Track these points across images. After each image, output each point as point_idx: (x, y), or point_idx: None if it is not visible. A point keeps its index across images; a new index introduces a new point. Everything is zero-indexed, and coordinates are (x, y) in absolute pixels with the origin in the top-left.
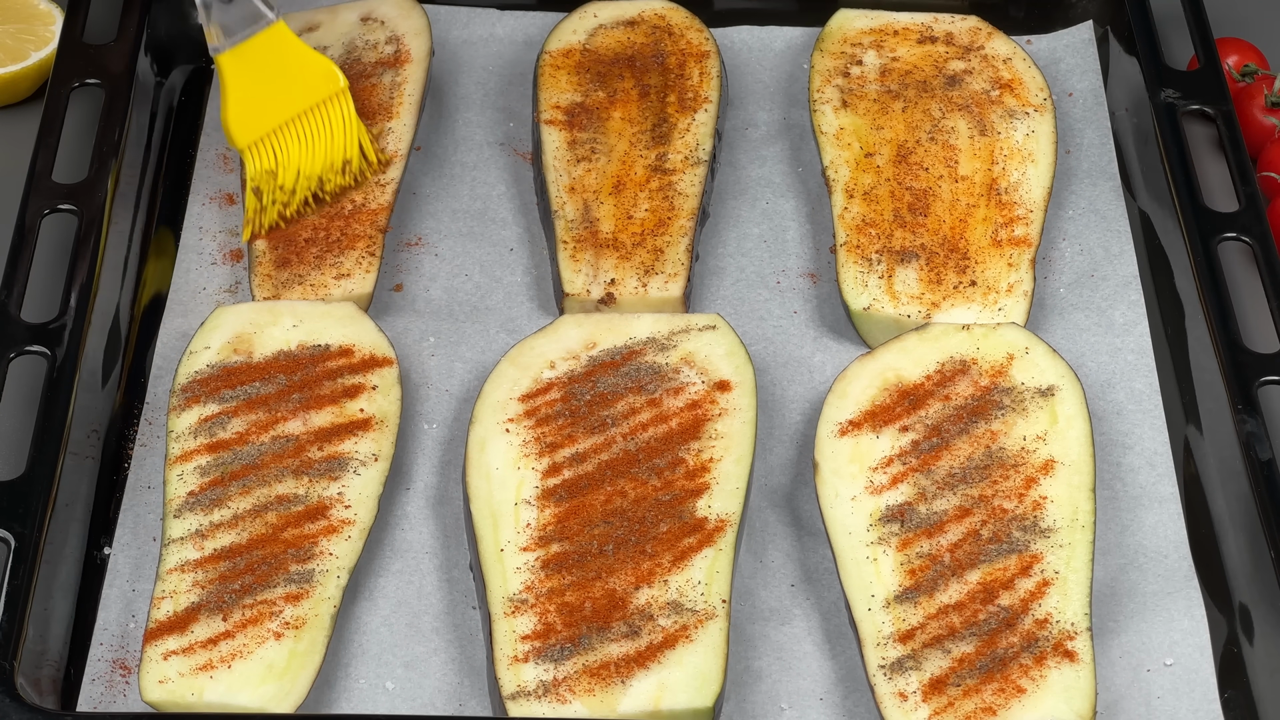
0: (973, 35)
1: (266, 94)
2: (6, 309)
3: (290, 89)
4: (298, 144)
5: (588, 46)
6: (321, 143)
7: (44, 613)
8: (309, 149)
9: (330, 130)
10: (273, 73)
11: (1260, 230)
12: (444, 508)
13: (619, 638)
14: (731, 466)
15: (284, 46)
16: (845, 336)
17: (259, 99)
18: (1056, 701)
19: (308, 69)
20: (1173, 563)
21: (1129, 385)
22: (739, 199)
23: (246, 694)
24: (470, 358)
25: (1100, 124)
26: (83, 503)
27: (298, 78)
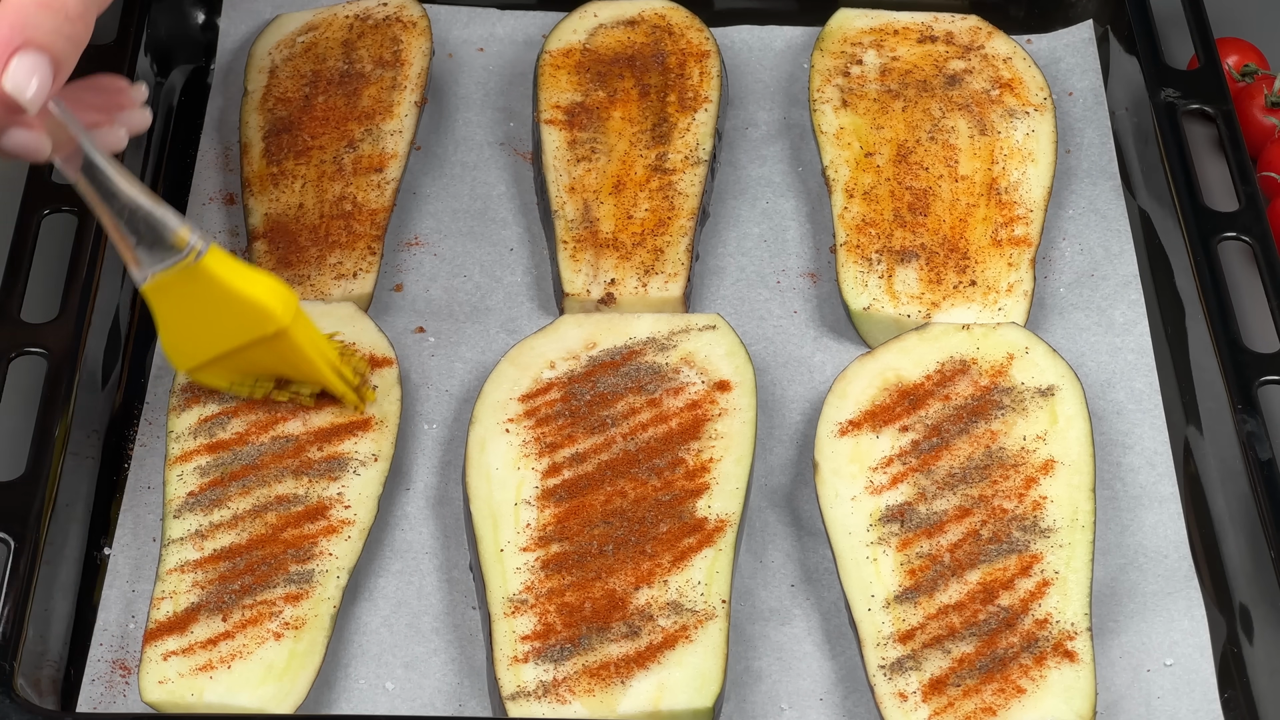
0: (973, 35)
1: (200, 326)
2: (6, 309)
3: (224, 325)
4: (248, 370)
5: (588, 46)
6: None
7: (44, 613)
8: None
9: (285, 364)
10: (202, 307)
11: (1260, 230)
12: (444, 508)
13: (619, 638)
14: (731, 466)
15: (210, 284)
16: (845, 336)
17: (192, 330)
18: (1056, 701)
19: (240, 307)
20: (1173, 563)
21: (1129, 385)
22: (739, 199)
23: (246, 694)
24: (470, 358)
25: (1100, 123)
26: (83, 503)
27: (231, 315)
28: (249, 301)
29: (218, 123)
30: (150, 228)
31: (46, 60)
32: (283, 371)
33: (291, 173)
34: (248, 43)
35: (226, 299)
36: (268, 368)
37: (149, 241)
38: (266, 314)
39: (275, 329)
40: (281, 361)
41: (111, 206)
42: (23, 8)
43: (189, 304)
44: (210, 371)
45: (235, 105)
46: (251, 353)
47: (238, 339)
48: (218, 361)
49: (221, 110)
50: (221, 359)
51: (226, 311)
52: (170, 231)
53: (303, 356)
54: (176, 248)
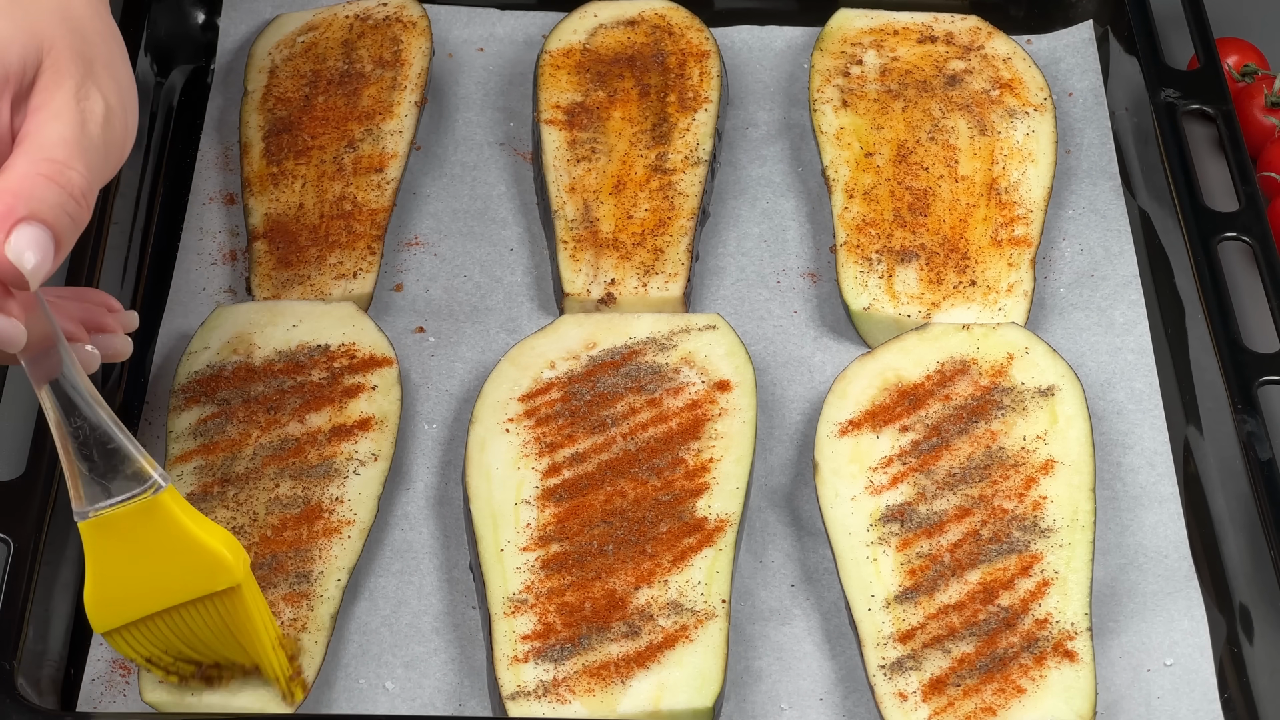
0: (973, 35)
1: (137, 576)
2: None
3: (169, 575)
4: (177, 642)
5: (588, 46)
6: (215, 643)
7: (44, 613)
8: (195, 647)
9: (225, 631)
10: (147, 552)
11: (1260, 230)
12: (444, 508)
13: (619, 638)
14: (731, 466)
15: (164, 523)
16: (845, 336)
17: (128, 580)
18: (1056, 701)
19: (193, 554)
20: (1173, 563)
21: (1129, 385)
22: (739, 199)
23: (246, 694)
24: (470, 358)
25: (1100, 123)
26: None
27: (180, 564)
28: (204, 550)
29: (218, 123)
30: (110, 455)
31: (49, 235)
32: (214, 644)
33: (291, 173)
34: (248, 43)
35: (179, 544)
36: (199, 637)
37: (103, 471)
38: (222, 565)
39: (229, 584)
40: (219, 628)
41: (70, 426)
42: (28, 179)
43: (131, 548)
44: (132, 636)
45: (235, 105)
46: (187, 615)
47: (181, 594)
48: (145, 623)
49: (221, 110)
50: (151, 620)
51: (175, 559)
52: (133, 461)
53: (248, 621)
54: (135, 480)
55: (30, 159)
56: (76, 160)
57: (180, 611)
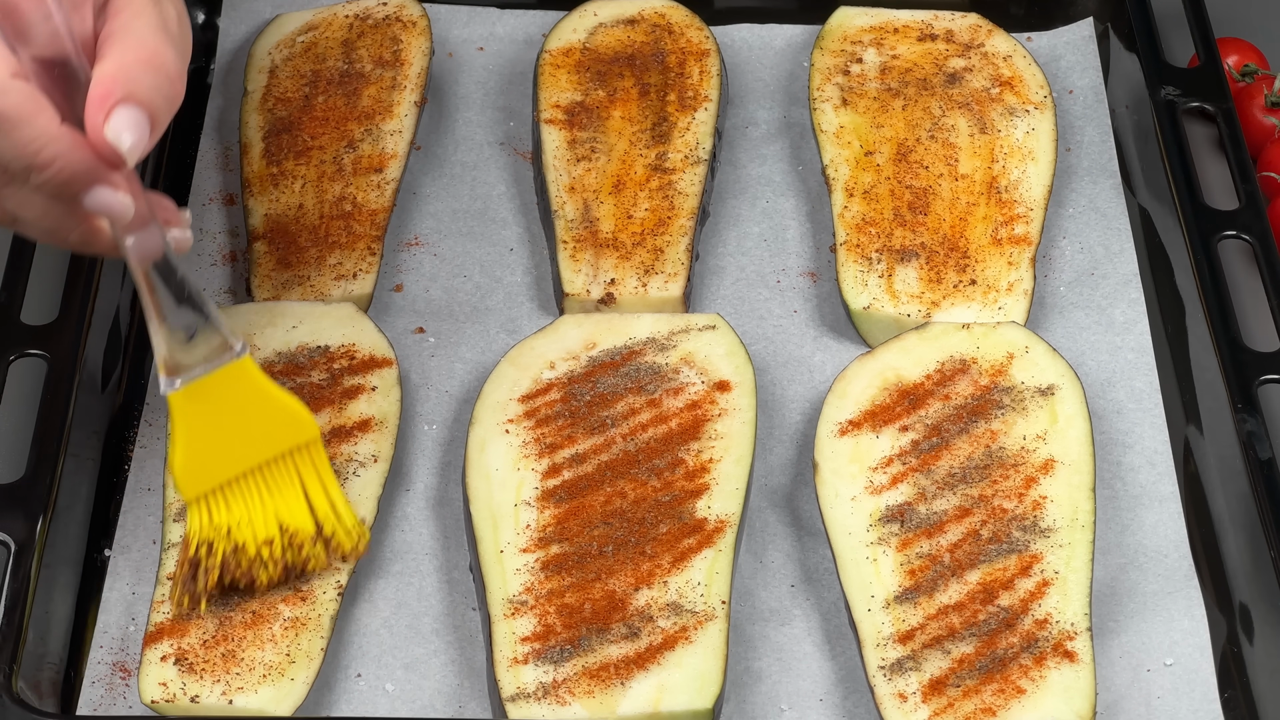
0: (973, 33)
1: (223, 439)
2: (7, 310)
3: (251, 435)
4: (258, 500)
5: (588, 45)
6: (286, 501)
7: (44, 615)
8: (265, 508)
9: (298, 488)
10: (232, 415)
11: (1260, 229)
12: (444, 509)
13: (618, 639)
14: (731, 467)
15: (249, 385)
16: (845, 336)
17: (213, 445)
18: (1056, 702)
19: (274, 413)
20: (1173, 563)
21: (1129, 384)
22: (739, 198)
23: (245, 695)
24: (470, 358)
25: (1100, 121)
26: (83, 505)
27: (261, 422)
28: (286, 406)
29: (218, 123)
30: (200, 327)
31: (145, 116)
32: (289, 501)
33: (291, 173)
34: (248, 43)
35: (261, 404)
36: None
37: (192, 343)
38: (301, 420)
39: (309, 436)
40: (295, 483)
41: (165, 301)
42: (126, 64)
43: (217, 413)
44: (214, 505)
45: (235, 105)
46: (269, 474)
47: (265, 450)
48: (229, 488)
49: (221, 110)
50: (234, 484)
51: (258, 419)
52: (219, 331)
53: (325, 470)
54: (220, 349)
55: (124, 47)
56: (167, 47)
57: (263, 471)
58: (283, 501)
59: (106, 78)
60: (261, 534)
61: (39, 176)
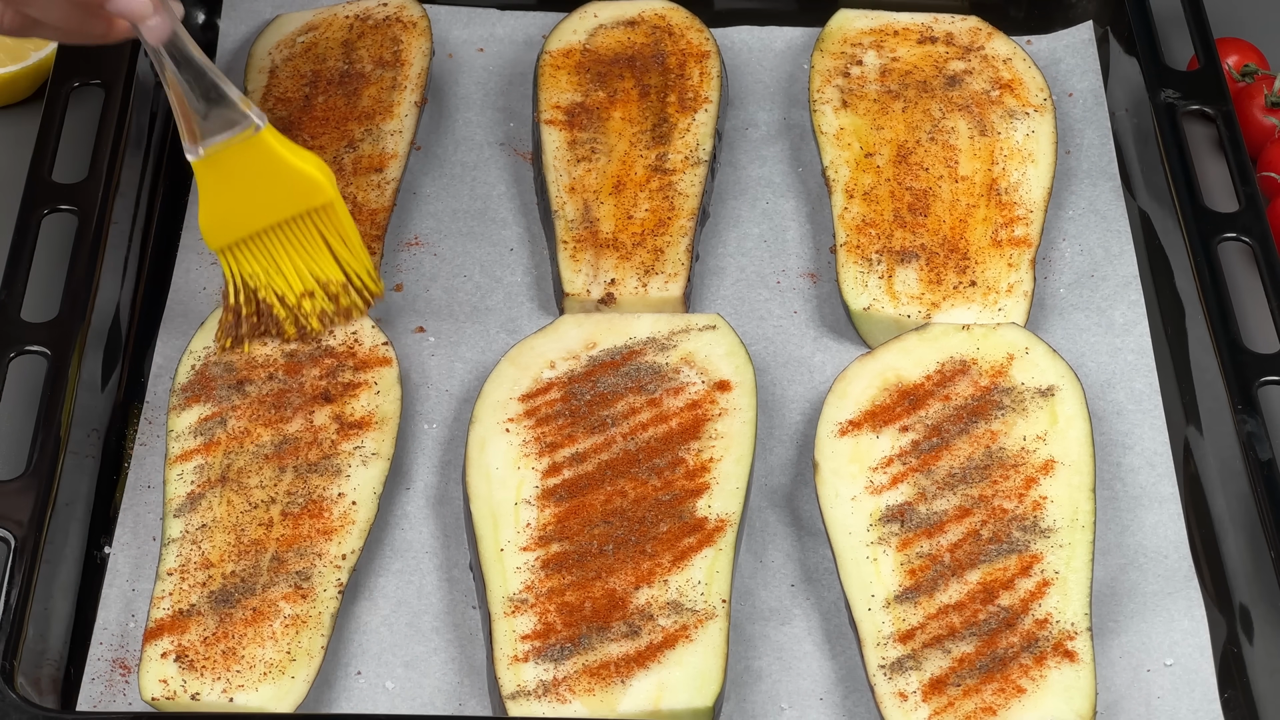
0: (973, 35)
1: (244, 201)
2: (6, 309)
3: (271, 198)
4: (283, 254)
5: (588, 46)
6: (308, 256)
7: (44, 612)
8: (293, 260)
9: (318, 245)
10: (252, 181)
11: (1260, 230)
12: (444, 508)
13: (619, 637)
14: (731, 466)
15: (266, 155)
16: (845, 336)
17: (235, 205)
18: (1056, 701)
19: (292, 179)
20: (1173, 563)
21: (1129, 385)
22: (739, 199)
23: (246, 693)
24: (470, 358)
25: (1100, 124)
26: (83, 502)
27: (280, 187)
28: (301, 173)
29: None
30: (218, 98)
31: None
32: (314, 257)
33: None
34: (248, 43)
35: (278, 171)
36: (297, 250)
37: (211, 115)
38: (316, 186)
39: (323, 201)
40: (315, 240)
41: (184, 76)
42: None
43: (238, 178)
44: (239, 253)
45: None
46: (288, 230)
47: (283, 211)
48: (252, 242)
49: None
50: (256, 236)
51: (276, 185)
52: (236, 105)
53: (342, 227)
54: (237, 119)
55: None
56: None
57: (282, 227)
58: (311, 256)
59: None
60: (298, 286)
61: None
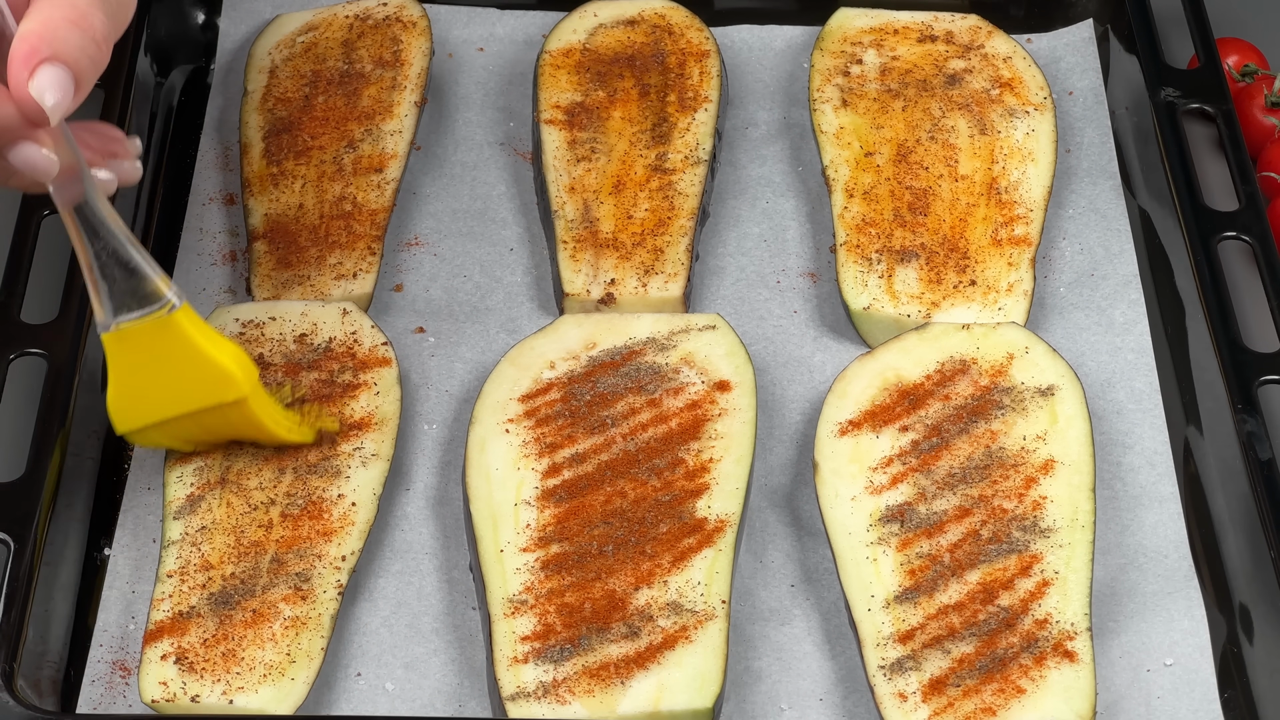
0: (973, 34)
1: (155, 385)
2: (7, 309)
3: (183, 386)
4: (192, 435)
5: (588, 46)
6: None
7: (44, 614)
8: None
9: (235, 432)
10: (163, 365)
11: (1260, 229)
12: (444, 508)
13: (619, 638)
14: (731, 467)
15: (178, 339)
16: (845, 336)
17: (149, 386)
18: (1056, 702)
19: (204, 369)
20: (1173, 563)
21: (1129, 385)
22: (739, 198)
23: (246, 695)
24: (470, 358)
25: (1100, 123)
26: (83, 504)
27: (193, 376)
28: (214, 365)
29: (218, 123)
30: (129, 273)
31: (70, 75)
32: (231, 437)
33: (291, 173)
34: (248, 43)
35: (191, 359)
36: (215, 433)
37: (124, 288)
38: (229, 380)
39: (236, 396)
40: (232, 429)
41: (94, 246)
42: (52, 22)
43: (149, 360)
44: (151, 434)
45: (235, 105)
46: (202, 418)
47: (193, 403)
48: (163, 426)
49: (221, 110)
50: (168, 423)
51: (188, 372)
52: (149, 280)
53: (259, 425)
54: (152, 298)
55: (54, 4)
56: (96, 8)
57: (192, 418)
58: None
59: (32, 35)
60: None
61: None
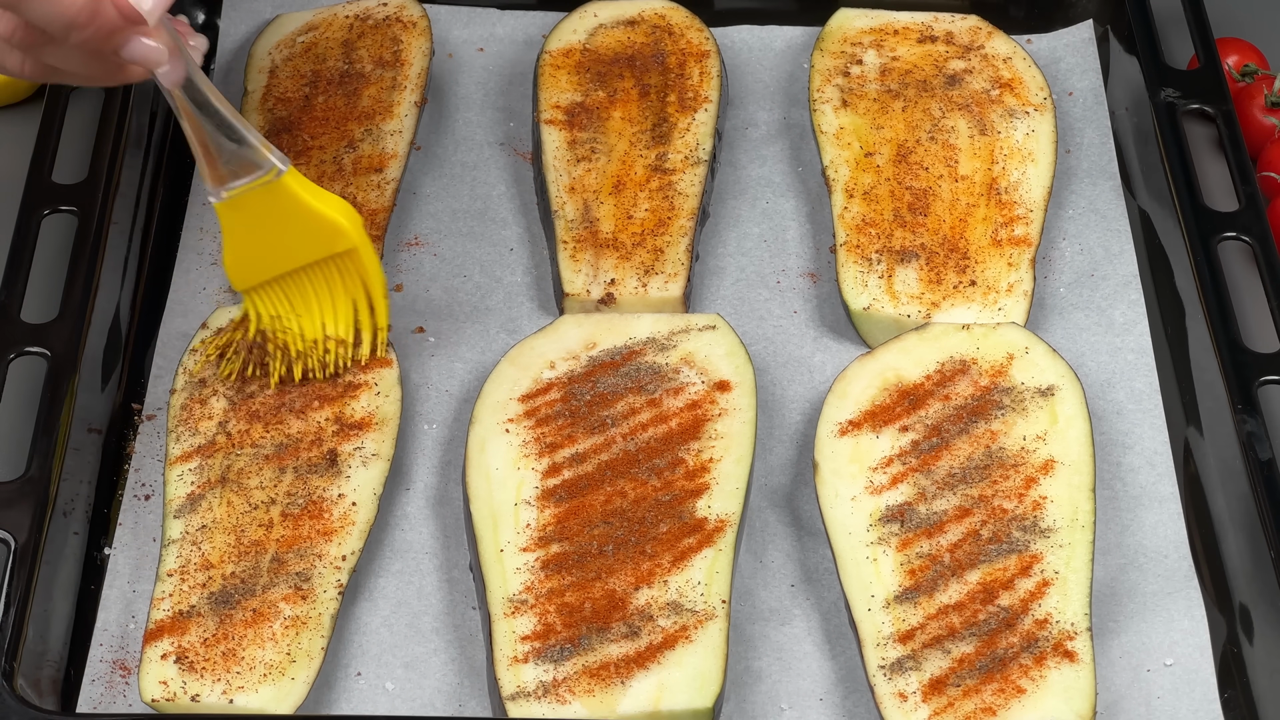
0: (973, 34)
1: (268, 244)
2: (6, 309)
3: (295, 243)
4: (303, 300)
5: (588, 46)
6: (328, 304)
7: (44, 613)
8: (311, 307)
9: (340, 295)
10: (275, 225)
11: (1260, 230)
12: (444, 508)
13: (619, 638)
14: (731, 466)
15: (288, 200)
16: (845, 336)
17: (259, 248)
18: (1056, 702)
19: (315, 224)
20: (1173, 563)
21: (1129, 385)
22: (739, 199)
23: (246, 694)
24: (470, 358)
25: (1100, 123)
26: (83, 503)
27: (303, 233)
28: (325, 219)
29: None
30: (238, 142)
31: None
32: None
33: None
34: (248, 43)
35: (302, 216)
36: (318, 299)
37: (233, 158)
38: (339, 232)
39: (346, 247)
40: (338, 290)
41: (204, 121)
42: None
43: (261, 222)
44: (263, 295)
45: (235, 105)
46: (314, 272)
47: (307, 256)
48: (276, 283)
49: None
50: (280, 280)
51: (300, 229)
52: (255, 149)
53: (364, 274)
54: (259, 165)
55: None
56: None
57: (308, 271)
58: (330, 304)
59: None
60: (310, 334)
61: (78, 35)
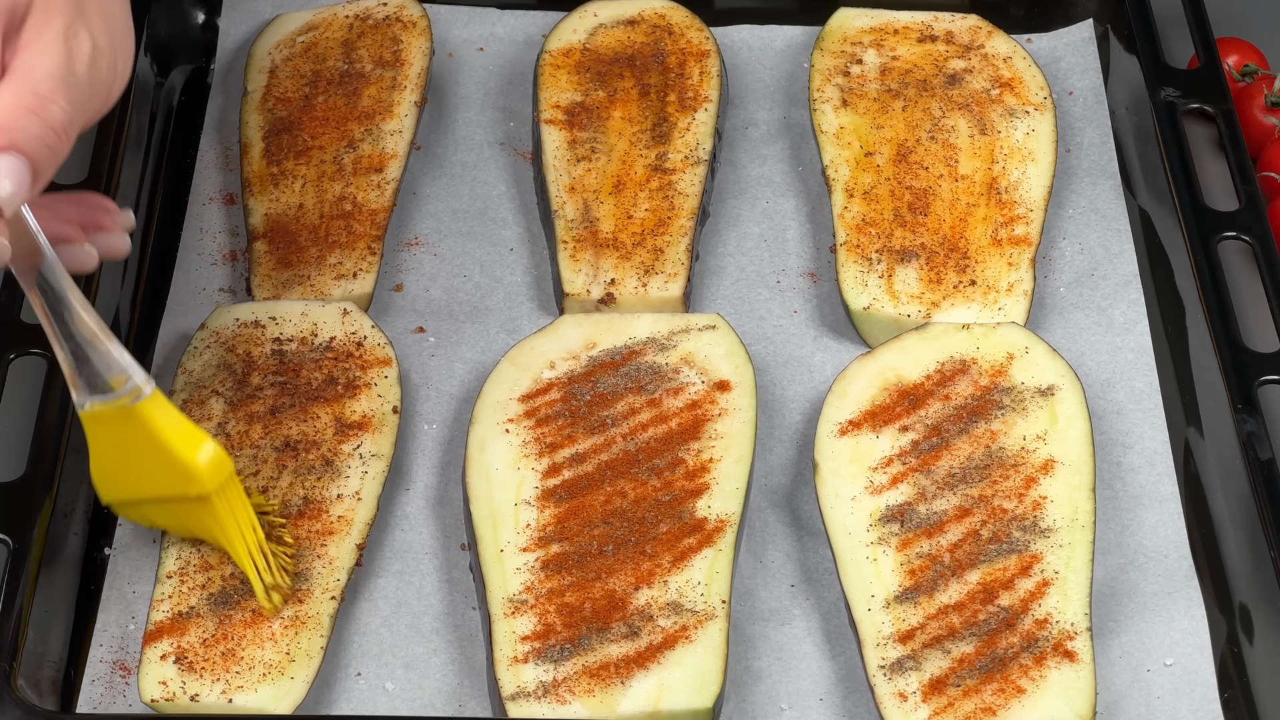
0: (973, 34)
1: (134, 463)
2: (7, 309)
3: (157, 471)
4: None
5: (588, 46)
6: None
7: (44, 614)
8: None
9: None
10: (135, 449)
11: (1260, 229)
12: (444, 508)
13: (619, 638)
14: (731, 466)
15: (144, 429)
16: (845, 336)
17: (126, 464)
18: (1056, 702)
19: (168, 461)
20: (1173, 563)
21: (1129, 385)
22: (739, 198)
23: (245, 694)
24: (470, 358)
25: (1100, 123)
26: (83, 504)
27: (161, 465)
28: (176, 458)
29: (218, 123)
30: (93, 360)
31: (26, 166)
32: (203, 536)
33: (291, 173)
34: (248, 43)
35: (155, 449)
36: (189, 527)
37: (92, 371)
38: (191, 476)
39: (198, 493)
40: (201, 526)
41: (60, 329)
42: (10, 111)
43: (122, 441)
44: (135, 511)
45: (235, 105)
46: (175, 507)
47: (162, 490)
48: (142, 504)
49: (221, 110)
50: (146, 503)
51: (156, 461)
52: (111, 371)
53: (219, 529)
54: (118, 385)
55: (14, 91)
56: (60, 95)
57: (166, 504)
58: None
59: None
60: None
61: None
